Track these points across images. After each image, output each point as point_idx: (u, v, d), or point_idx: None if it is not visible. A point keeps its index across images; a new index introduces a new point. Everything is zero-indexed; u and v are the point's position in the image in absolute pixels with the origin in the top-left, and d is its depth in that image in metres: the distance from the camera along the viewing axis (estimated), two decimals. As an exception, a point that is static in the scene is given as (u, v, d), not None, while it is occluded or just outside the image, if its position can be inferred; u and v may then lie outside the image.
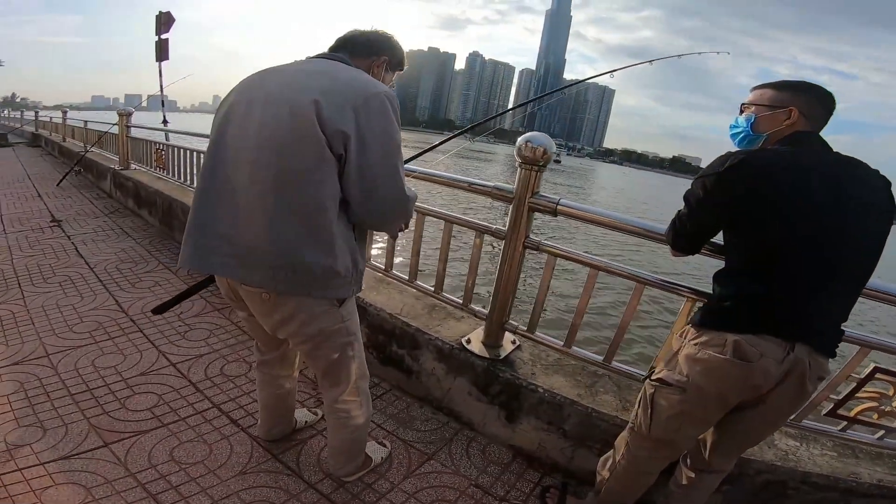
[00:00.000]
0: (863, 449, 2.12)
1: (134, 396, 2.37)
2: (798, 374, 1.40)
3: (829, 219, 1.35)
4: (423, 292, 2.89)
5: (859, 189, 1.38)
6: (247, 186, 1.39)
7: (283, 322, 1.56)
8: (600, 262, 2.18)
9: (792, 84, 1.55)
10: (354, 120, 1.36)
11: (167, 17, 8.30)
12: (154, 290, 3.72)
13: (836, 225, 1.35)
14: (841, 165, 1.41)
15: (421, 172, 2.73)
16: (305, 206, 1.38)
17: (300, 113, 1.34)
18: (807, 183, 1.36)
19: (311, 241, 1.40)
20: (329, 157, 1.35)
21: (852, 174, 1.40)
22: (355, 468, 2.01)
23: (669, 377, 1.56)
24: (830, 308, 1.42)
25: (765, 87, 1.59)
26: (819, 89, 1.52)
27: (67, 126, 12.44)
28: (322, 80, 1.41)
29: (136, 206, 6.10)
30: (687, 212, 1.59)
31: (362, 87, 1.42)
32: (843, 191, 1.36)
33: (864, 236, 1.39)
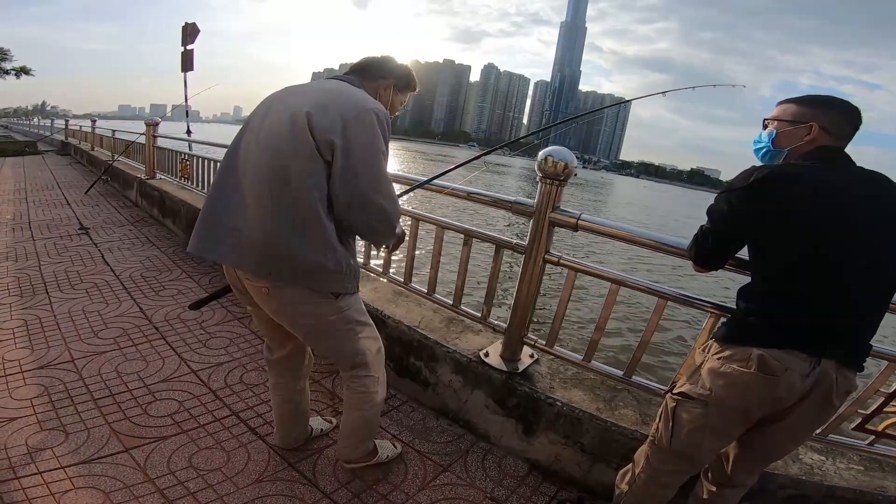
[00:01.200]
0: (890, 463, 2.09)
1: (155, 402, 2.42)
2: (824, 388, 1.39)
3: (855, 233, 1.35)
4: (441, 305, 2.91)
5: (883, 203, 1.39)
6: (251, 184, 1.57)
7: (283, 314, 1.73)
8: (621, 277, 2.19)
9: (815, 99, 1.55)
10: (342, 130, 1.52)
11: (193, 29, 8.50)
12: (177, 298, 3.79)
13: (861, 239, 1.35)
14: (865, 180, 1.42)
15: (442, 186, 2.77)
16: (297, 205, 1.52)
17: (295, 121, 1.52)
18: (831, 198, 1.36)
19: (303, 236, 1.54)
20: (318, 161, 1.51)
21: (876, 188, 1.41)
22: (363, 454, 2.05)
23: (692, 391, 1.56)
24: (857, 323, 1.42)
25: (790, 101, 1.59)
26: (843, 104, 1.51)
27: (96, 135, 12.76)
28: (323, 96, 1.60)
29: (161, 216, 6.24)
30: (711, 226, 1.59)
31: (356, 103, 1.59)
32: (867, 205, 1.37)
33: (890, 251, 1.39)
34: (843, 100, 1.52)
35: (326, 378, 2.83)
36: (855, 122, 1.50)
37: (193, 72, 8.65)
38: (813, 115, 1.50)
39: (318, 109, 1.54)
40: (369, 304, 2.88)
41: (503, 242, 2.53)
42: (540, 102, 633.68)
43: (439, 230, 2.79)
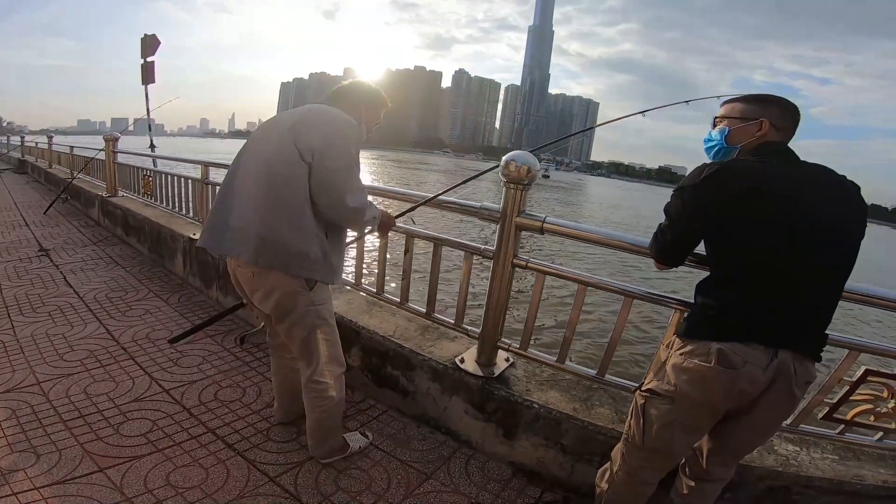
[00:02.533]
0: (864, 451, 2.15)
1: (127, 422, 2.37)
2: (784, 379, 1.43)
3: (805, 225, 1.40)
4: (415, 314, 2.92)
5: (833, 194, 1.45)
6: (251, 189, 1.89)
7: (265, 297, 1.96)
8: (588, 278, 2.23)
9: (760, 97, 1.63)
10: (322, 139, 1.85)
11: (153, 40, 8.36)
12: (145, 318, 3.72)
13: (812, 231, 1.40)
14: (813, 174, 1.47)
15: (409, 195, 2.79)
16: (288, 202, 1.83)
17: (283, 133, 1.88)
18: (782, 191, 1.42)
19: (290, 227, 1.84)
20: (302, 167, 1.82)
21: (824, 181, 1.46)
22: (329, 451, 2.23)
23: (658, 387, 1.59)
24: (812, 312, 1.46)
25: (734, 100, 1.67)
26: (785, 101, 1.59)
27: (53, 152, 12.32)
28: (307, 114, 1.96)
29: (125, 234, 6.10)
30: (668, 224, 1.63)
31: (332, 118, 1.94)
32: (816, 198, 1.42)
33: (841, 241, 1.44)
34: (782, 97, 1.60)
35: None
36: (796, 118, 1.58)
37: (156, 85, 8.53)
38: (762, 111, 1.57)
39: (301, 125, 1.88)
40: (343, 315, 2.88)
41: (472, 248, 2.55)
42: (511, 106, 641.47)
43: (409, 239, 2.80)
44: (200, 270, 4.40)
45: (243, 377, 2.92)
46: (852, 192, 1.47)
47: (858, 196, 1.48)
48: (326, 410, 2.14)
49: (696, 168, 1.54)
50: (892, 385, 1.94)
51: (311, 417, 2.17)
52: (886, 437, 2.06)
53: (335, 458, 2.24)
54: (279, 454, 2.26)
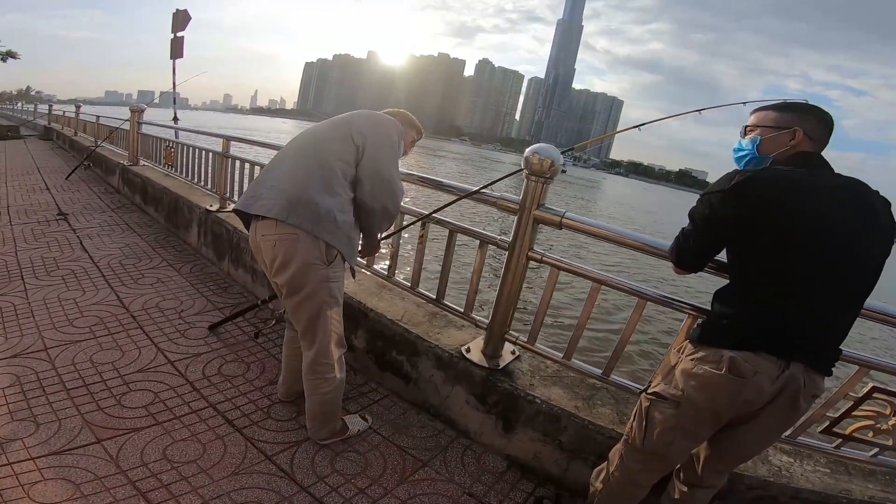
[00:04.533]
0: (856, 466, 2.12)
1: (130, 393, 2.36)
2: (792, 391, 1.40)
3: (832, 239, 1.35)
4: (424, 300, 2.88)
5: (861, 210, 1.39)
6: (293, 157, 2.04)
7: (283, 266, 1.94)
8: (603, 277, 2.17)
9: (793, 105, 1.57)
10: (372, 128, 2.06)
11: (184, 16, 8.33)
12: (156, 286, 3.72)
13: (838, 245, 1.35)
14: (844, 187, 1.41)
15: (429, 180, 2.75)
16: (330, 171, 1.95)
17: (337, 122, 2.12)
18: (811, 204, 1.37)
19: (326, 191, 1.93)
20: (349, 144, 1.99)
21: (855, 195, 1.41)
22: (329, 433, 2.22)
23: (665, 391, 1.56)
24: (828, 327, 1.43)
25: (767, 108, 1.60)
26: (819, 110, 1.53)
27: (80, 121, 12.48)
28: (361, 112, 2.20)
29: (143, 203, 6.13)
30: (692, 229, 1.58)
31: (383, 119, 2.15)
32: (846, 212, 1.37)
33: (866, 257, 1.39)
34: (817, 106, 1.54)
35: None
36: (830, 127, 1.52)
37: (183, 60, 8.51)
38: (796, 120, 1.51)
39: (356, 117, 2.12)
40: (352, 296, 2.86)
41: (487, 238, 2.49)
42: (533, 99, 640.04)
43: (424, 224, 2.75)
44: (214, 242, 4.39)
45: (248, 352, 2.90)
46: (882, 208, 1.41)
47: (888, 213, 1.42)
48: (328, 393, 2.12)
49: (727, 174, 1.49)
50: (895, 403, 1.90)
51: (312, 399, 2.15)
52: (880, 453, 2.03)
53: (333, 440, 2.23)
54: (278, 433, 2.24)
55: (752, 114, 1.64)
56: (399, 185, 2.11)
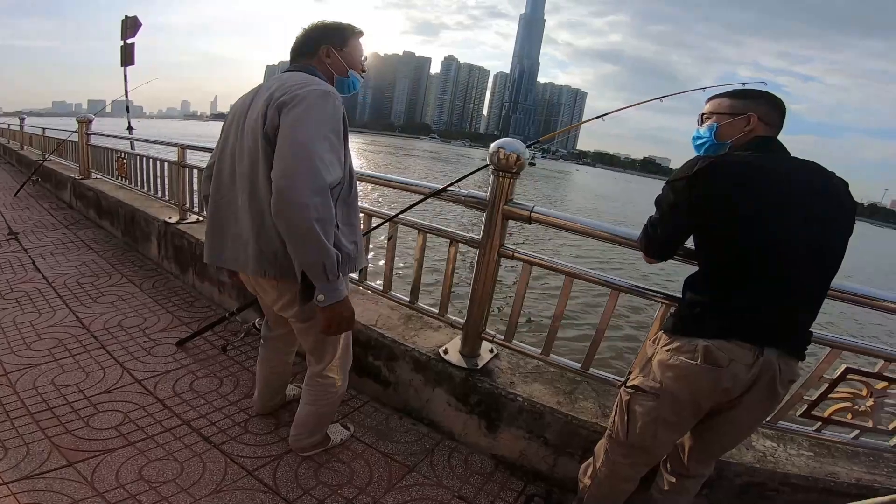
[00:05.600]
0: (839, 448, 2.16)
1: (98, 415, 2.29)
2: (768, 378, 1.43)
3: (796, 222, 1.38)
4: (398, 303, 2.88)
5: (821, 193, 1.43)
6: (239, 192, 1.69)
7: (289, 304, 1.79)
8: (575, 270, 2.20)
9: (746, 92, 1.63)
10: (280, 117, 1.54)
11: (134, 22, 8.17)
12: (117, 304, 3.62)
13: (802, 229, 1.39)
14: (803, 170, 1.46)
15: (392, 181, 2.75)
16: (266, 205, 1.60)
17: (254, 127, 1.62)
18: (773, 187, 1.40)
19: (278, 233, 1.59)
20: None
21: (814, 179, 1.44)
22: (312, 444, 2.18)
23: (644, 384, 1.58)
24: (799, 311, 1.46)
25: (720, 96, 1.65)
26: (770, 95, 1.58)
27: (25, 133, 12.02)
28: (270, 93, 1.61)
29: (98, 217, 5.95)
30: (658, 217, 1.61)
31: (289, 87, 1.58)
32: (806, 193, 1.41)
33: (830, 239, 1.43)
34: (768, 91, 1.60)
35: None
36: (782, 112, 1.57)
37: (135, 66, 8.32)
38: (750, 106, 1.56)
39: (267, 108, 1.56)
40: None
41: (457, 237, 2.50)
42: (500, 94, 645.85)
43: (392, 226, 2.73)
44: (176, 255, 4.29)
45: (220, 367, 2.85)
46: (841, 189, 1.46)
47: (847, 193, 1.47)
48: (327, 406, 2.09)
49: (688, 161, 1.52)
50: (871, 383, 1.96)
51: (307, 409, 2.08)
52: (862, 434, 2.08)
53: (316, 451, 2.19)
54: (258, 447, 2.20)
55: (707, 102, 1.69)
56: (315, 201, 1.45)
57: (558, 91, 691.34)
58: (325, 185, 1.46)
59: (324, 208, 1.45)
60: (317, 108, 1.52)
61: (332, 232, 1.49)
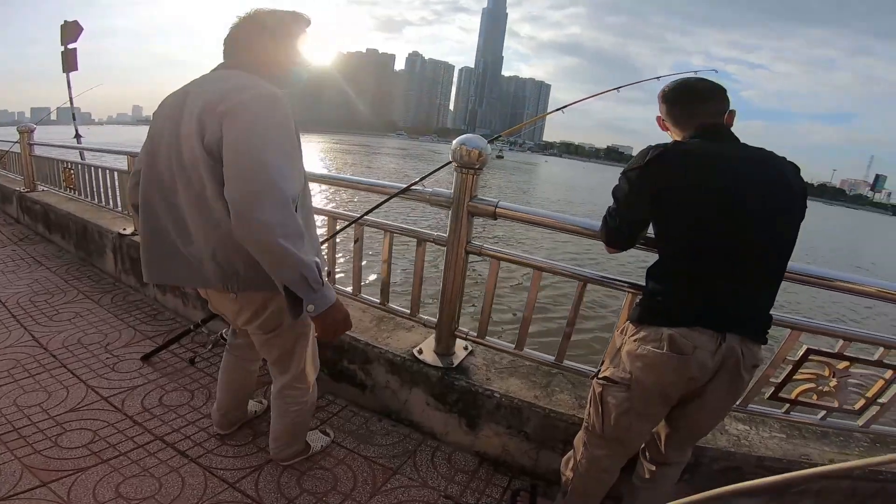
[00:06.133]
0: (809, 429, 2.25)
1: (66, 434, 2.24)
2: (732, 363, 1.47)
3: (747, 207, 1.43)
4: (369, 305, 2.88)
5: (773, 178, 1.48)
6: (181, 201, 1.56)
7: (252, 317, 1.75)
8: (542, 263, 2.25)
9: (660, 94, 1.72)
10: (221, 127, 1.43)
11: (74, 27, 7.93)
12: (75, 321, 3.51)
13: (753, 212, 1.43)
14: (753, 157, 1.51)
15: (355, 182, 2.77)
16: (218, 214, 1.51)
17: (188, 134, 1.49)
18: (723, 173, 1.45)
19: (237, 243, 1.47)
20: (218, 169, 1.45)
21: (765, 165, 1.50)
22: (293, 454, 2.15)
23: (615, 375, 1.61)
24: (757, 295, 1.51)
25: (659, 97, 1.74)
26: (674, 92, 1.68)
27: (-41, 147, 11.52)
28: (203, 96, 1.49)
29: (48, 232, 5.73)
30: (616, 207, 1.66)
31: (225, 94, 1.45)
32: (758, 180, 1.46)
33: (784, 222, 1.48)
34: (672, 87, 1.69)
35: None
36: (692, 101, 1.64)
37: (79, 72, 8.07)
38: (662, 109, 1.71)
39: (203, 115, 1.44)
40: (294, 310, 2.81)
41: (424, 236, 2.52)
42: (465, 88, 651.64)
43: (358, 228, 2.73)
44: (134, 267, 4.19)
45: (190, 379, 2.81)
46: (792, 173, 1.51)
47: (798, 178, 1.52)
48: (300, 415, 2.06)
49: (642, 150, 1.57)
50: (832, 364, 2.03)
51: (280, 422, 2.05)
52: (829, 415, 2.17)
53: (297, 460, 2.18)
54: (236, 458, 2.19)
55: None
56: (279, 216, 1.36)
57: (523, 84, 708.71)
58: (286, 200, 1.37)
59: (289, 223, 1.37)
60: (265, 117, 1.42)
61: (302, 242, 1.40)
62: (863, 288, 1.85)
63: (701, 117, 1.60)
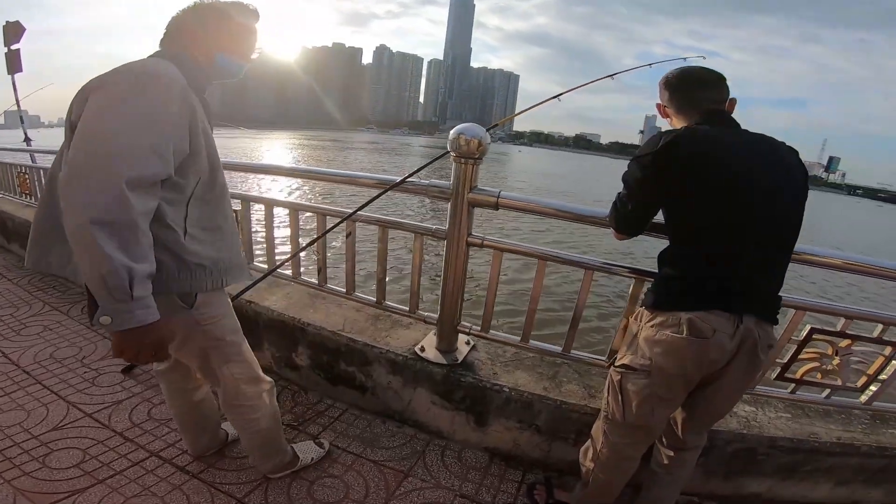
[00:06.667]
0: (812, 408, 2.30)
1: (53, 454, 2.13)
2: (750, 345, 1.50)
3: (757, 190, 1.46)
4: (363, 303, 2.82)
5: (777, 161, 1.52)
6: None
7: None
8: (546, 253, 2.23)
9: (663, 81, 1.73)
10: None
11: (16, 27, 7.62)
12: (45, 335, 3.36)
13: (763, 195, 1.47)
14: (757, 141, 1.54)
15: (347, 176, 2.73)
16: None
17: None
18: (733, 158, 1.48)
19: None
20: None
21: (768, 149, 1.54)
22: (276, 466, 2.05)
23: (634, 362, 1.62)
24: (769, 277, 1.54)
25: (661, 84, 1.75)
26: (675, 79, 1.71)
27: None
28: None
29: (6, 241, 5.49)
30: (627, 193, 1.66)
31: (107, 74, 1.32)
32: (766, 164, 1.49)
33: (791, 205, 1.52)
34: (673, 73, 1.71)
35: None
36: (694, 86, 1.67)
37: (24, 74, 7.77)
38: (664, 96, 1.72)
39: (78, 93, 1.32)
40: (283, 312, 2.75)
41: (421, 230, 2.48)
42: (435, 80, 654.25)
43: (349, 224, 2.65)
44: (104, 276, 4.02)
45: (178, 390, 2.70)
46: (793, 157, 1.55)
47: (798, 160, 1.57)
48: (257, 431, 1.92)
49: (653, 137, 1.58)
50: (835, 342, 2.09)
51: (242, 438, 1.99)
52: (833, 393, 2.22)
53: (284, 473, 2.09)
54: (240, 472, 2.11)
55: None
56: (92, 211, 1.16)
57: (492, 75, 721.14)
58: (118, 181, 1.17)
59: (113, 208, 1.16)
60: (130, 92, 1.26)
61: (132, 239, 1.20)
62: (829, 261, 1.93)
63: (703, 104, 1.63)
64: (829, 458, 2.10)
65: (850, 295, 11.28)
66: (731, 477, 2.18)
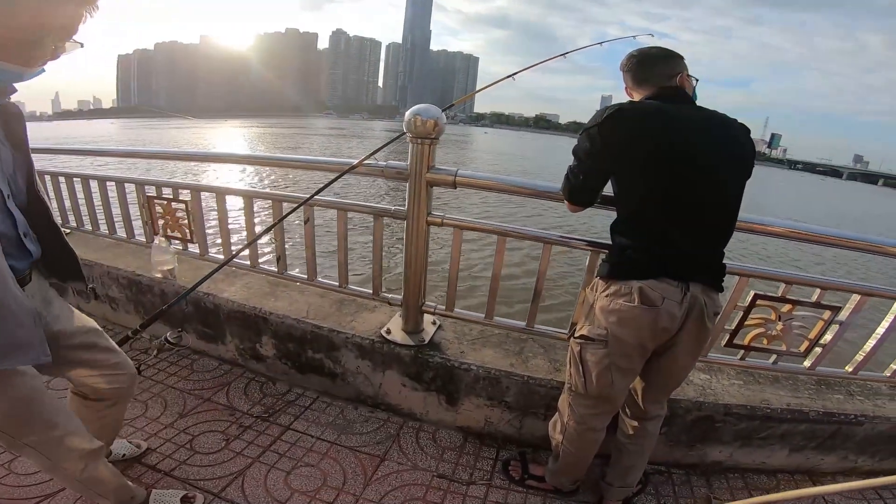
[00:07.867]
0: (762, 375, 2.46)
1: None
2: (697, 312, 1.61)
3: (703, 162, 1.55)
4: (326, 289, 2.85)
5: (724, 137, 1.61)
6: None
7: None
8: (505, 228, 2.30)
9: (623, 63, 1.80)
10: None
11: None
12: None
13: (708, 167, 1.56)
14: (707, 118, 1.63)
15: (304, 161, 2.70)
16: None
17: None
18: (676, 129, 1.56)
19: None
20: None
21: (718, 125, 1.63)
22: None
23: (591, 332, 1.71)
24: (713, 246, 1.65)
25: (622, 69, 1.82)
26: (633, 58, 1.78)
27: None
28: None
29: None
30: (577, 164, 1.73)
31: None
32: (711, 136, 1.59)
33: (733, 178, 1.62)
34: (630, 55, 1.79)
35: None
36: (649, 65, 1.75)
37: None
38: (627, 79, 1.79)
39: None
40: (243, 302, 2.75)
41: (381, 211, 2.50)
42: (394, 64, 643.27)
43: (307, 209, 2.66)
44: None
45: (140, 390, 2.67)
46: (742, 133, 1.65)
47: (748, 138, 1.67)
48: (67, 480, 1.60)
49: (599, 110, 1.64)
50: (777, 307, 2.22)
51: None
52: (780, 359, 2.37)
53: None
54: (213, 467, 2.15)
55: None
56: None
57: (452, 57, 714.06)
58: None
59: None
60: None
61: None
62: (773, 229, 2.05)
63: (656, 79, 1.71)
64: (782, 425, 2.24)
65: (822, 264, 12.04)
66: (694, 445, 2.31)
